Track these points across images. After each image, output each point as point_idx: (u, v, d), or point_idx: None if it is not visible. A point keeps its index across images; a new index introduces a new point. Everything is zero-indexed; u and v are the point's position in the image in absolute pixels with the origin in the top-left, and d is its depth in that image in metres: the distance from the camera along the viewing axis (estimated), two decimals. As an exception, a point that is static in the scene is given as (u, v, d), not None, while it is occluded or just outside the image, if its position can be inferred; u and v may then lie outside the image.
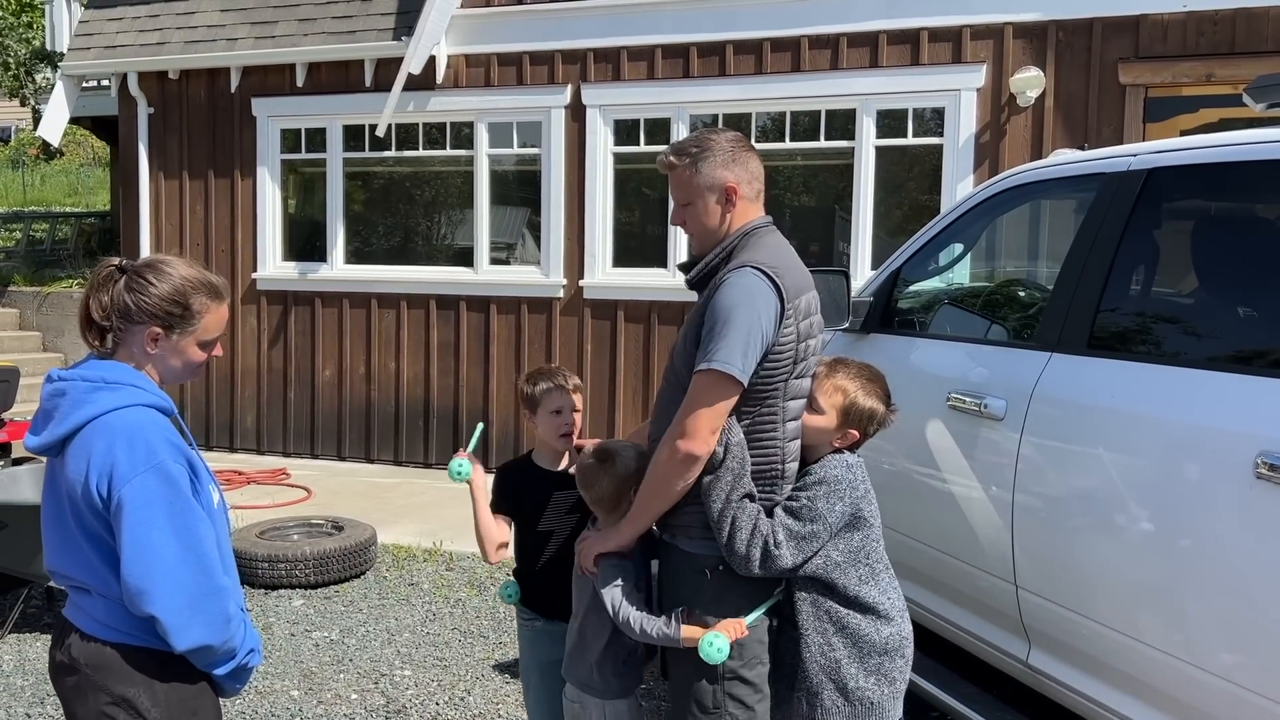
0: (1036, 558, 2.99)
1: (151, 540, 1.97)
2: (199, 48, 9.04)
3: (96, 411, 2.01)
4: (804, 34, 7.49)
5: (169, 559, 1.98)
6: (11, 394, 7.25)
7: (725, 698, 2.48)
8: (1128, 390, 2.76)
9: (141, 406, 2.05)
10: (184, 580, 2.00)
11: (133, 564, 1.97)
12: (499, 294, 8.40)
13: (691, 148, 2.55)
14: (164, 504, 1.99)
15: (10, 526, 4.62)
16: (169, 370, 2.16)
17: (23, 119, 24.96)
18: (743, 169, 2.54)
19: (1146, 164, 2.95)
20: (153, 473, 1.99)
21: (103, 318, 2.09)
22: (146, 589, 1.97)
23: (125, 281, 2.09)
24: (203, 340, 2.16)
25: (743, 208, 2.54)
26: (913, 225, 7.37)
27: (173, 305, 2.09)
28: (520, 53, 8.24)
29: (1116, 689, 2.76)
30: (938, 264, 4.12)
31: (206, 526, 2.06)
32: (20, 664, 4.61)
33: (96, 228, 13.37)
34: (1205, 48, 6.63)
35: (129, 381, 2.07)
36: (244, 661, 2.15)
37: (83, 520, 2.04)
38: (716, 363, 2.33)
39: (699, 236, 2.60)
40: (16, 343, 10.25)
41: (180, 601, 1.99)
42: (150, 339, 2.10)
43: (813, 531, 2.43)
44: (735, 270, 2.42)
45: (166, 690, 2.09)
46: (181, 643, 2.01)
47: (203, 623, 2.02)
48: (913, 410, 3.57)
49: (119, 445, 1.99)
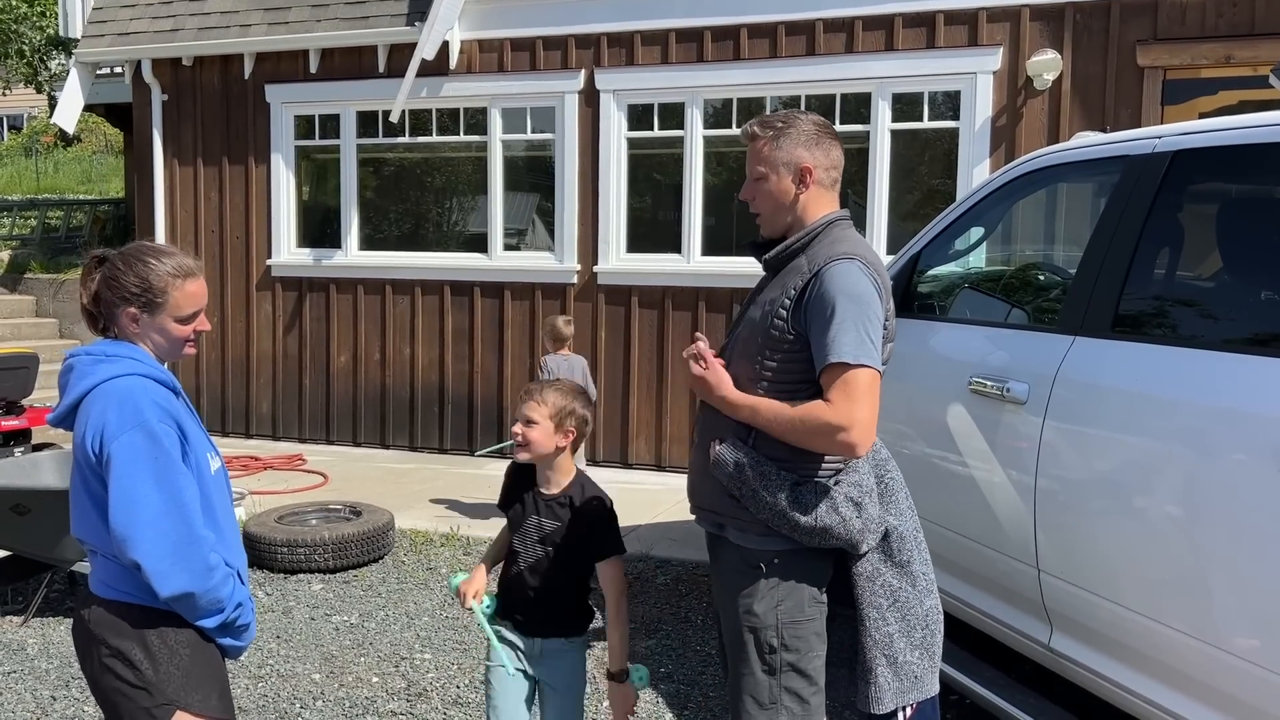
0: (1059, 541, 2.99)
1: (136, 491, 2.11)
2: (212, 34, 9.05)
3: (96, 380, 2.20)
4: (819, 17, 7.46)
5: (152, 508, 2.11)
6: (31, 380, 7.31)
7: (781, 691, 2.45)
8: (1152, 374, 2.75)
9: (136, 376, 2.21)
10: (165, 529, 2.12)
11: (118, 512, 2.11)
12: (513, 280, 8.40)
13: (777, 123, 2.49)
14: (149, 459, 2.13)
15: (33, 512, 4.65)
16: (159, 346, 2.32)
17: (37, 106, 25.03)
18: (823, 154, 2.49)
19: (1172, 146, 2.93)
20: (139, 430, 2.14)
21: (91, 305, 2.32)
22: (130, 536, 2.10)
23: (103, 271, 2.30)
24: (178, 316, 2.32)
25: (815, 193, 2.49)
26: (928, 210, 7.34)
27: (138, 287, 2.27)
28: (534, 38, 8.22)
29: (1139, 672, 2.76)
30: (957, 248, 4.10)
31: (188, 481, 2.18)
32: (45, 648, 4.65)
33: (111, 215, 13.41)
34: (1224, 29, 6.57)
35: (126, 355, 2.25)
36: (233, 616, 2.24)
37: (87, 482, 2.20)
38: (866, 358, 2.28)
39: (767, 213, 2.53)
40: (33, 329, 10.31)
41: (162, 548, 2.11)
42: (129, 319, 2.28)
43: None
44: (843, 261, 2.35)
45: (159, 645, 2.20)
46: (165, 588, 2.12)
47: (184, 569, 2.13)
48: (934, 394, 3.57)
49: (111, 407, 2.16)
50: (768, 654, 2.45)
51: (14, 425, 7.13)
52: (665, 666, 4.45)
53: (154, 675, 2.18)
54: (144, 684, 2.18)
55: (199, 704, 2.22)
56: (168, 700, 2.19)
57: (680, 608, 5.15)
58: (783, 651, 2.44)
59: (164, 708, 2.18)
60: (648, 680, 3.02)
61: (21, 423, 7.18)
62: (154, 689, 2.18)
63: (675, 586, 5.43)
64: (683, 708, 4.06)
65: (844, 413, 2.28)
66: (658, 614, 5.07)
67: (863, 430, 2.28)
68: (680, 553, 5.75)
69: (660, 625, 4.92)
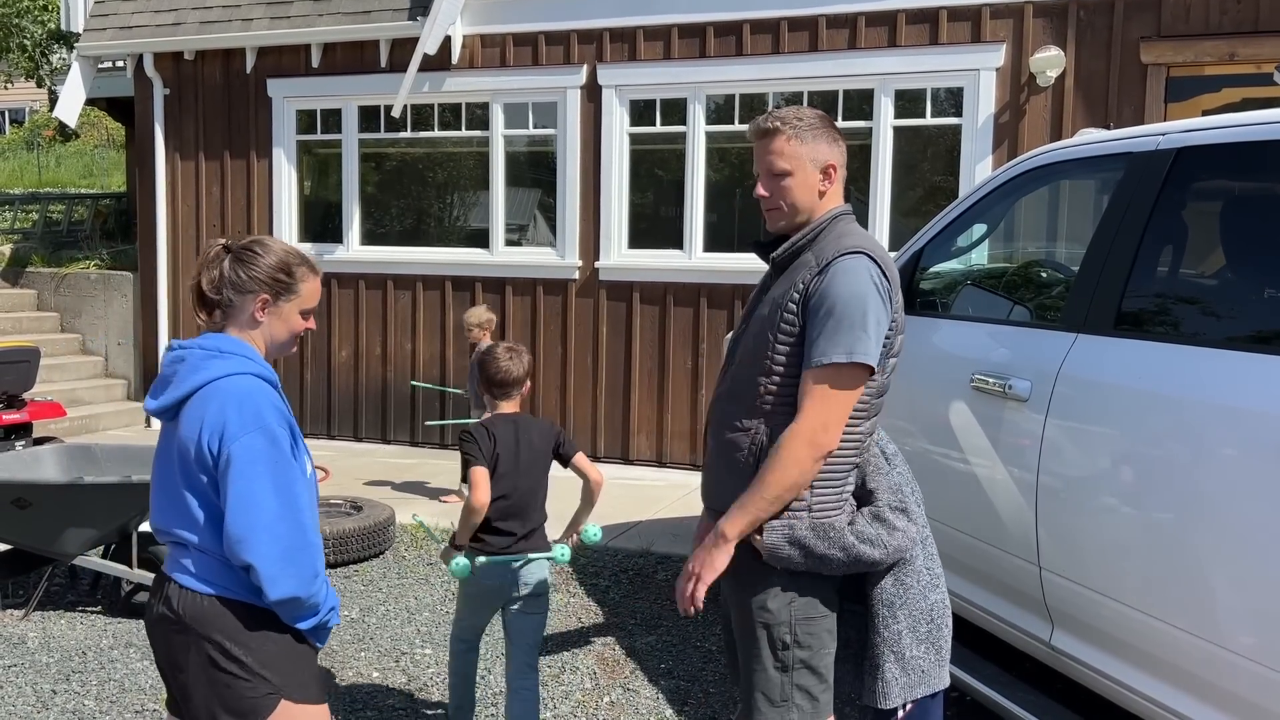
0: (1060, 539, 2.99)
1: (255, 494, 2.13)
2: (214, 28, 9.04)
3: (210, 376, 2.19)
4: (822, 13, 7.44)
5: (269, 512, 2.14)
6: (32, 374, 7.31)
7: (793, 689, 2.44)
8: (1154, 371, 2.75)
9: (250, 375, 2.23)
10: (280, 533, 2.15)
11: (236, 514, 2.13)
12: (514, 275, 8.40)
13: (793, 118, 2.44)
14: (268, 462, 2.15)
15: (34, 506, 4.65)
16: (274, 340, 2.33)
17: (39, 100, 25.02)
18: (840, 151, 2.48)
19: (1175, 143, 2.93)
20: (260, 433, 2.16)
21: (214, 292, 2.28)
22: (246, 538, 2.12)
23: (232, 257, 2.28)
24: (303, 309, 2.34)
25: (833, 190, 2.48)
26: (930, 206, 7.33)
27: (279, 273, 2.29)
28: (536, 33, 8.21)
29: (1140, 669, 2.75)
30: (960, 245, 4.09)
31: (304, 486, 2.22)
32: (45, 641, 4.66)
33: (113, 209, 13.40)
34: (1228, 26, 6.56)
35: (239, 352, 2.25)
36: (325, 620, 2.29)
37: (191, 478, 2.19)
38: (858, 355, 2.29)
39: (789, 210, 2.46)
40: (35, 323, 10.30)
41: (276, 552, 2.14)
42: (260, 306, 2.28)
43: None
44: (850, 256, 2.34)
45: (259, 639, 2.24)
46: (274, 592, 2.15)
47: (294, 575, 2.16)
48: (936, 391, 3.57)
49: (230, 407, 2.16)
50: (780, 650, 2.44)
51: (15, 419, 7.13)
52: (665, 663, 4.45)
53: (258, 667, 2.22)
54: (247, 675, 2.21)
55: (299, 692, 2.27)
56: (273, 690, 2.23)
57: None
58: (795, 649, 2.43)
59: (269, 697, 2.23)
60: (599, 538, 3.49)
61: (23, 417, 7.18)
62: (257, 680, 2.22)
63: (676, 582, 5.43)
64: (683, 704, 4.06)
65: (818, 416, 2.31)
66: (658, 610, 5.07)
67: (835, 426, 2.32)
68: (681, 548, 5.74)
69: (660, 621, 4.92)
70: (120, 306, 10.15)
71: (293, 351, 2.46)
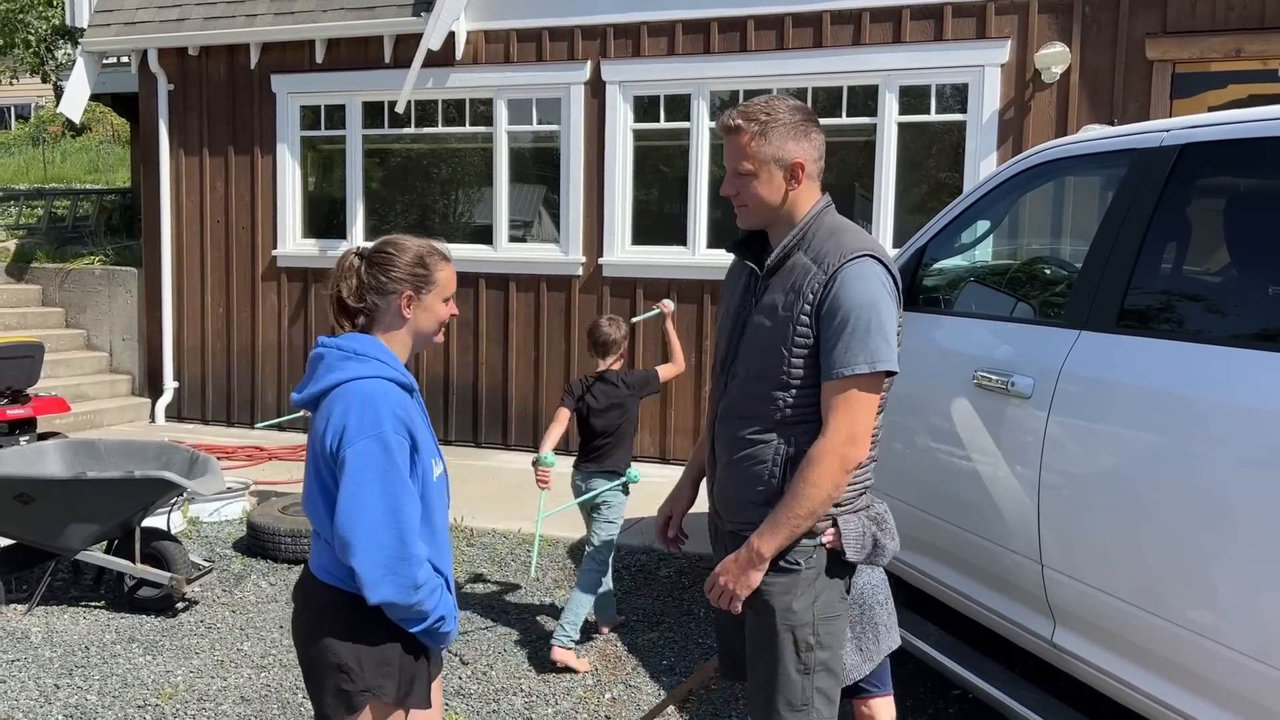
0: (1062, 536, 2.98)
1: (363, 499, 2.18)
2: (218, 24, 9.04)
3: (342, 378, 2.26)
4: (826, 9, 7.42)
5: (374, 519, 2.18)
6: (36, 369, 7.32)
7: (814, 692, 2.42)
8: (1158, 369, 2.74)
9: (381, 379, 2.27)
10: (383, 541, 2.18)
11: (343, 517, 2.18)
12: (518, 272, 8.40)
13: (760, 114, 2.37)
14: (378, 470, 2.19)
15: (37, 501, 4.66)
16: (421, 333, 2.39)
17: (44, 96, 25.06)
18: (811, 146, 2.41)
19: (1180, 139, 2.91)
20: (375, 440, 2.19)
21: (356, 300, 2.35)
22: (350, 541, 2.18)
23: (367, 263, 2.35)
24: (444, 296, 2.41)
25: (805, 187, 2.42)
26: (934, 203, 7.32)
27: (416, 267, 2.35)
28: (540, 28, 8.20)
29: (1142, 668, 2.75)
30: (963, 241, 4.08)
31: (411, 496, 2.24)
32: (48, 636, 4.67)
33: (117, 205, 13.42)
34: (1234, 22, 6.53)
35: (375, 355, 2.30)
36: (434, 626, 2.29)
37: (320, 473, 2.27)
38: (880, 363, 2.27)
39: (754, 211, 2.44)
40: (39, 319, 10.32)
41: (377, 559, 2.18)
42: (405, 304, 2.35)
43: None
44: (857, 261, 2.31)
45: (365, 635, 2.27)
46: (373, 596, 2.19)
47: (393, 584, 2.19)
48: (938, 388, 3.56)
49: (352, 410, 2.22)
50: (804, 652, 2.42)
51: (19, 414, 7.14)
52: (667, 659, 4.45)
53: (356, 664, 2.26)
54: (346, 669, 2.26)
55: (391, 695, 2.29)
56: (366, 688, 2.27)
57: (683, 601, 5.15)
58: (818, 650, 2.42)
59: (362, 695, 2.27)
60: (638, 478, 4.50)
61: (27, 412, 7.19)
62: (355, 676, 2.26)
63: (678, 579, 5.43)
64: (685, 700, 4.06)
65: (846, 429, 2.30)
66: (660, 607, 5.07)
67: (863, 438, 2.32)
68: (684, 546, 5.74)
69: (662, 618, 4.92)
70: (125, 302, 10.16)
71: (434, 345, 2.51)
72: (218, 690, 4.13)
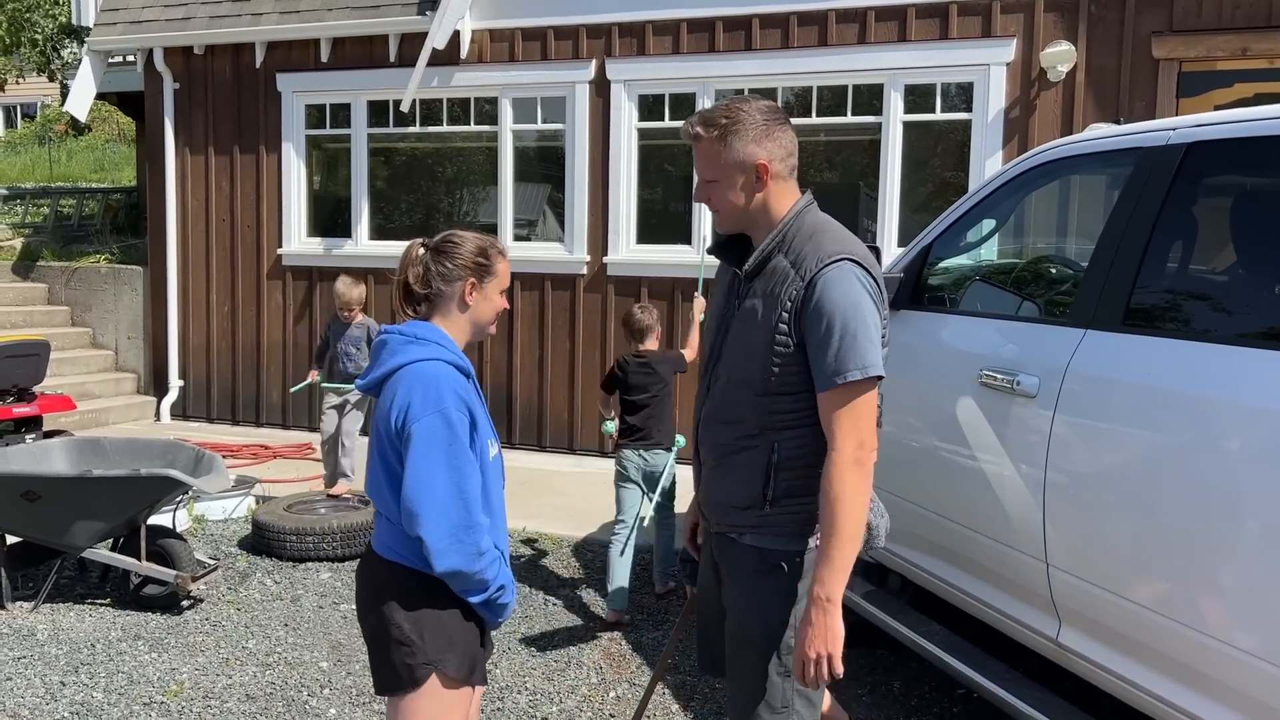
0: (1068, 535, 2.97)
1: (429, 472, 2.30)
2: (223, 23, 9.05)
3: (405, 360, 2.39)
4: (831, 8, 7.42)
5: (440, 490, 2.30)
6: (42, 368, 7.33)
7: (794, 694, 2.42)
8: (1164, 368, 2.73)
9: (441, 361, 2.39)
10: (449, 511, 2.31)
11: (411, 489, 2.30)
12: (522, 270, 8.39)
13: (721, 119, 2.36)
14: (443, 444, 2.31)
15: (43, 498, 4.67)
16: (478, 322, 2.53)
17: (50, 95, 25.10)
18: (775, 144, 2.39)
19: (1186, 138, 2.91)
20: (438, 416, 2.32)
21: (422, 286, 2.50)
22: (418, 513, 2.29)
23: (433, 252, 2.50)
24: (501, 288, 2.55)
25: (775, 187, 2.39)
26: (939, 202, 7.31)
27: (479, 257, 2.50)
28: (545, 27, 8.20)
29: (1148, 667, 2.74)
30: (969, 240, 4.07)
31: (474, 469, 2.37)
32: (54, 633, 4.68)
33: (123, 203, 13.44)
34: (1240, 21, 6.52)
35: (436, 340, 2.43)
36: (494, 596, 2.42)
37: (384, 451, 2.39)
38: (871, 369, 2.26)
39: (726, 216, 2.46)
40: (45, 317, 10.34)
41: (444, 528, 2.30)
42: (469, 290, 2.49)
43: None
44: (834, 265, 2.28)
45: (429, 609, 2.38)
46: (440, 565, 2.31)
47: (459, 551, 2.31)
48: (944, 387, 3.55)
49: (416, 389, 2.34)
50: (785, 655, 2.41)
51: (25, 412, 7.15)
52: (670, 658, 4.45)
53: (419, 637, 2.37)
54: (409, 642, 2.36)
55: (454, 668, 2.40)
56: (429, 660, 2.37)
57: (685, 599, 5.14)
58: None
59: (425, 667, 2.37)
60: (683, 443, 4.85)
61: (33, 410, 7.21)
62: (418, 649, 2.37)
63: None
64: (689, 699, 4.06)
65: (852, 437, 2.28)
66: (664, 606, 5.07)
67: (870, 439, 2.31)
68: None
69: (666, 617, 4.92)
70: (130, 300, 10.18)
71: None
72: (223, 688, 4.14)
